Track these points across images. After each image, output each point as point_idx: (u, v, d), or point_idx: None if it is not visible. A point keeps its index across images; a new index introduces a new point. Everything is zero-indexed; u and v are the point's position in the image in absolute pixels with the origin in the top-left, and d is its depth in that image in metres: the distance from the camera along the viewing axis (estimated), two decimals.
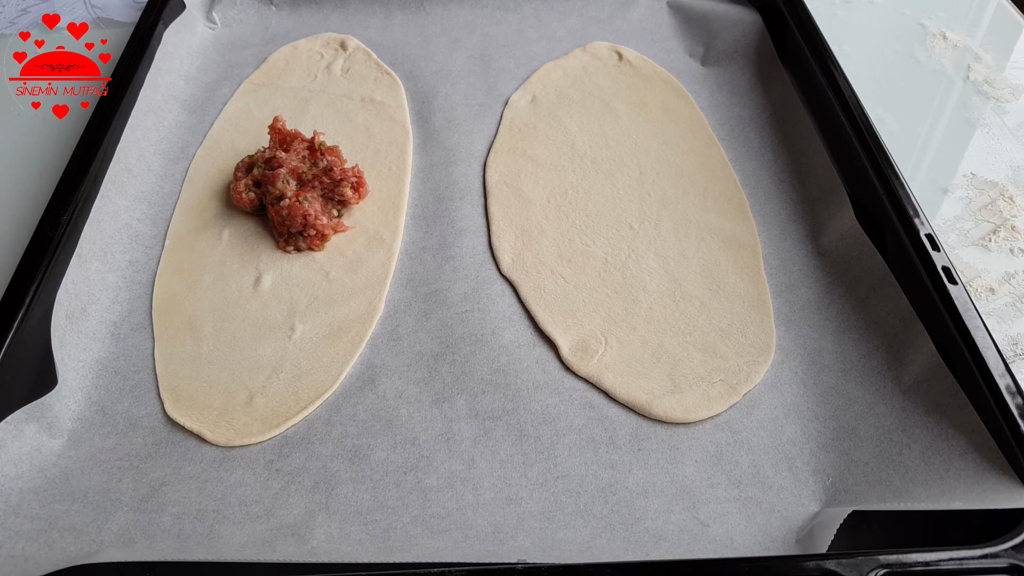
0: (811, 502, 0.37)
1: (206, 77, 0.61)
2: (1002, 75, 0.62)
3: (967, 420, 0.36)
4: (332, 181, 0.49)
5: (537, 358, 0.43)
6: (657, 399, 0.40)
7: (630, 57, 0.62)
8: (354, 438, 0.39)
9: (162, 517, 0.37)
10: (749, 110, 0.57)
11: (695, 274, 0.46)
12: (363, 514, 0.36)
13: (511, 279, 0.47)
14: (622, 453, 0.39)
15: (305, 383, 0.42)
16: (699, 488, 0.37)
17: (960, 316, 0.38)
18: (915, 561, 0.30)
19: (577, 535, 0.36)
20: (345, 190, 0.49)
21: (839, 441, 0.39)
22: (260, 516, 0.37)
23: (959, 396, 0.37)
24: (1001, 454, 0.35)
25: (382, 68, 0.61)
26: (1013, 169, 0.54)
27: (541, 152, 0.54)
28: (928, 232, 0.42)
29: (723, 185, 0.52)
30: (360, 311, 0.45)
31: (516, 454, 0.39)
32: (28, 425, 0.39)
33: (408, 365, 0.42)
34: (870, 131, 0.48)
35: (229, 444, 0.39)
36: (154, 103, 0.56)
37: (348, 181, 0.49)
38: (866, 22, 0.69)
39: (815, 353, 0.42)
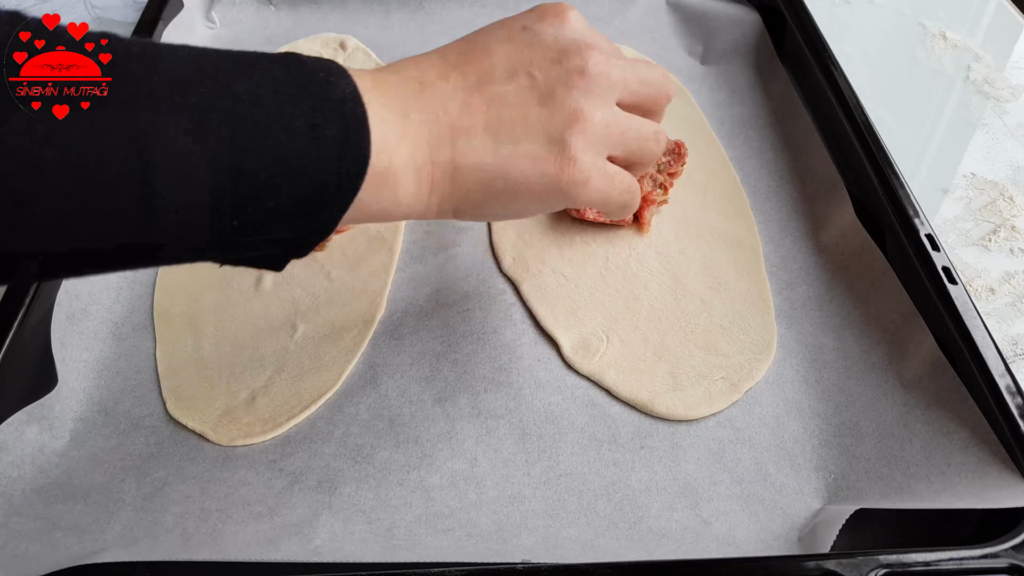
0: (813, 499, 0.37)
1: None
2: (1002, 75, 0.62)
3: (968, 414, 0.36)
4: None
5: (539, 356, 0.43)
6: (659, 397, 0.40)
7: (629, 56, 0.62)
8: (357, 437, 0.39)
9: (165, 517, 0.37)
10: (749, 109, 0.57)
11: (696, 272, 0.46)
12: (366, 513, 0.37)
13: (512, 278, 0.47)
14: (624, 451, 0.39)
15: (307, 382, 0.42)
16: (701, 486, 0.37)
17: (960, 316, 0.38)
18: (915, 561, 0.30)
19: (580, 533, 0.36)
20: None
21: (841, 437, 0.39)
22: (263, 515, 0.37)
23: (960, 390, 0.37)
24: (1002, 447, 0.35)
25: None
26: (1013, 169, 0.55)
27: None
28: (928, 232, 0.42)
29: (723, 184, 0.52)
30: (362, 310, 0.45)
31: (519, 452, 0.39)
32: (29, 426, 0.39)
33: (410, 364, 0.43)
34: (870, 131, 0.48)
35: (231, 443, 0.39)
36: None
37: None
38: (866, 22, 0.69)
39: (816, 350, 0.42)
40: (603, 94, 0.32)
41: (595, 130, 0.32)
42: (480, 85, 0.31)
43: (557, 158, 0.31)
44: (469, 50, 0.32)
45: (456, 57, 0.32)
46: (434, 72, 0.31)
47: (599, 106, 0.32)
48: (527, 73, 0.32)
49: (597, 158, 0.33)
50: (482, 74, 0.32)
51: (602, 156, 0.33)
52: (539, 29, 0.33)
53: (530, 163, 0.31)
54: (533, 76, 0.32)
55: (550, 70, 0.32)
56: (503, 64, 0.32)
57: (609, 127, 0.33)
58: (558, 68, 0.32)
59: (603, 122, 0.32)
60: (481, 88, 0.31)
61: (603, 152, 0.33)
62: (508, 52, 0.32)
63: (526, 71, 0.32)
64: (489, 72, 0.32)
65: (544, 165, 0.31)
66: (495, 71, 0.32)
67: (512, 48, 0.32)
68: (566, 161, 0.31)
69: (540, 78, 0.32)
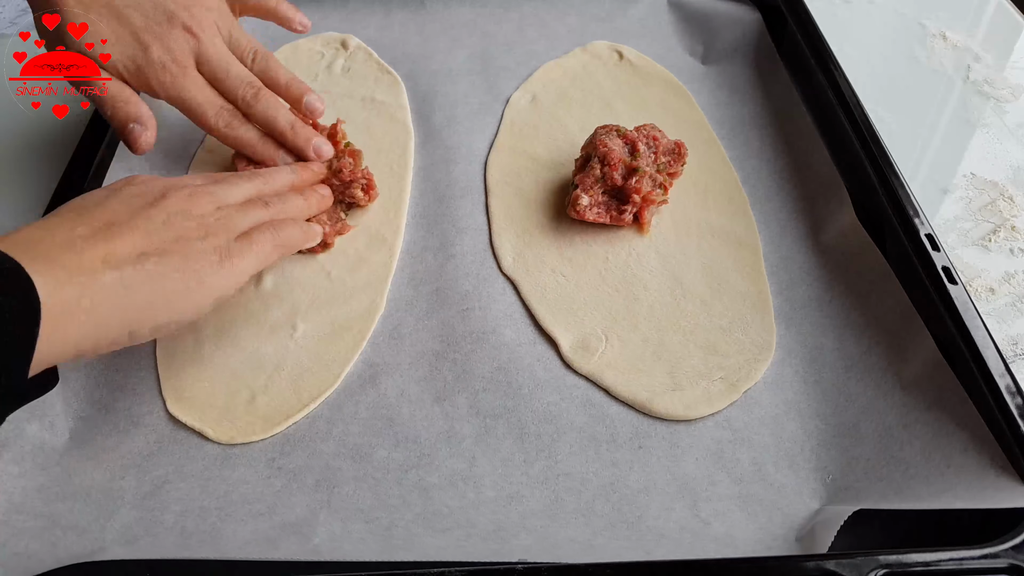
0: (812, 499, 0.37)
1: None
2: (1002, 75, 0.62)
3: (967, 415, 0.36)
4: (342, 183, 0.49)
5: (538, 356, 0.43)
6: (658, 397, 0.40)
7: (630, 56, 0.62)
8: (356, 436, 0.40)
9: (164, 515, 0.37)
10: (749, 108, 0.57)
11: (696, 272, 0.46)
12: (365, 512, 0.37)
13: (512, 278, 0.47)
14: (623, 451, 0.39)
15: (307, 381, 0.42)
16: (700, 486, 0.37)
17: (960, 316, 0.38)
18: (915, 561, 0.30)
19: (579, 533, 0.36)
20: (356, 192, 0.49)
21: (840, 438, 0.39)
22: (263, 514, 0.37)
23: (959, 391, 0.37)
24: (1001, 450, 0.35)
25: (383, 67, 0.61)
26: (1013, 169, 0.55)
27: (542, 151, 0.54)
28: (928, 232, 0.42)
29: (723, 184, 0.52)
30: (361, 310, 0.45)
31: (517, 452, 0.39)
32: (30, 424, 0.39)
33: (409, 363, 0.43)
34: (870, 131, 0.48)
35: (231, 442, 0.39)
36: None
37: (359, 183, 0.49)
38: (866, 22, 0.69)
39: (816, 350, 0.42)
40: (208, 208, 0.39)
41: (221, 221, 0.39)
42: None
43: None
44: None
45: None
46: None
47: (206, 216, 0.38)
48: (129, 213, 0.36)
49: (237, 245, 0.38)
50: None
51: (233, 237, 0.38)
52: (136, 186, 0.39)
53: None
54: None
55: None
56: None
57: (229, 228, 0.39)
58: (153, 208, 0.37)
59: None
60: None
61: (232, 234, 0.38)
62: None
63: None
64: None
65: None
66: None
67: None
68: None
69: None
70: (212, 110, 0.47)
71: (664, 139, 0.49)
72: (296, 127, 0.49)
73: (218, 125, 0.47)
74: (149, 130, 0.46)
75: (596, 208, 0.47)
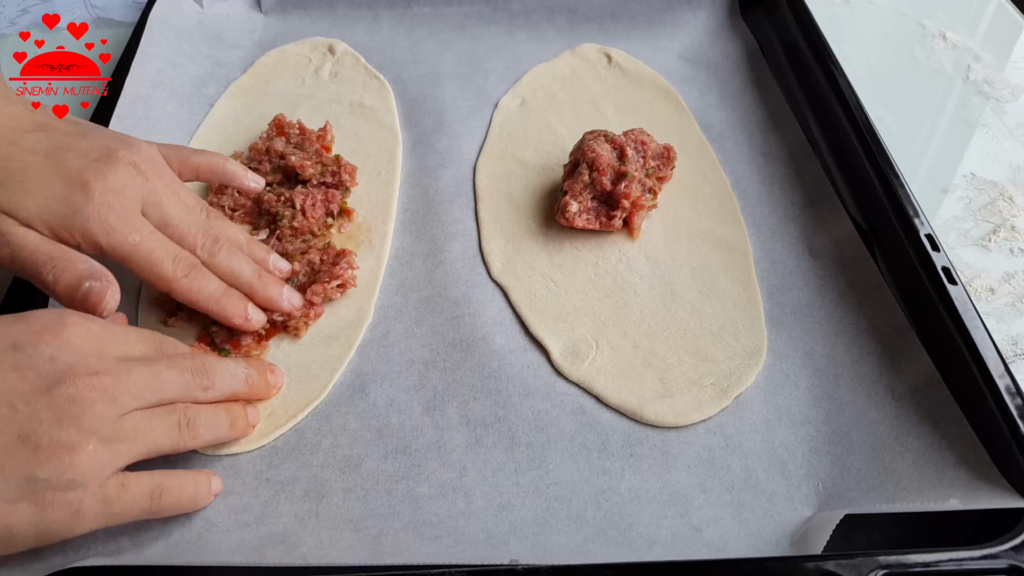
0: (804, 507, 0.36)
1: (193, 67, 0.60)
2: (1002, 75, 0.62)
3: (961, 433, 0.36)
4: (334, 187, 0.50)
5: (528, 363, 0.42)
6: (648, 403, 0.40)
7: (619, 59, 0.62)
8: (345, 448, 0.39)
9: (150, 523, 0.36)
10: (739, 113, 0.57)
11: (686, 277, 0.46)
12: (354, 522, 0.36)
13: (501, 284, 0.46)
14: (614, 459, 0.38)
15: (294, 392, 0.41)
16: (691, 493, 0.37)
17: (960, 316, 0.38)
18: (914, 562, 0.30)
19: (570, 541, 0.35)
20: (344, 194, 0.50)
21: (831, 446, 0.38)
22: (249, 524, 0.36)
23: (952, 408, 0.37)
24: (995, 467, 0.34)
25: (370, 72, 0.61)
26: (1013, 169, 0.54)
27: (531, 156, 0.54)
28: (928, 232, 0.42)
29: (714, 188, 0.51)
30: (349, 318, 0.45)
31: (508, 461, 0.38)
32: None
33: (398, 372, 0.42)
34: (870, 131, 0.48)
35: (217, 453, 0.39)
36: (142, 90, 0.54)
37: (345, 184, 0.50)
38: (866, 22, 0.69)
39: (807, 356, 0.42)
40: (103, 420, 0.31)
41: (90, 460, 0.31)
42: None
43: (35, 500, 0.30)
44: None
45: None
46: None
47: (95, 434, 0.31)
48: (8, 404, 0.30)
49: (95, 487, 0.31)
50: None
51: (104, 477, 0.32)
52: (32, 350, 0.31)
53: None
54: (15, 408, 0.30)
55: (37, 401, 0.30)
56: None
57: (116, 450, 0.32)
58: (47, 397, 0.30)
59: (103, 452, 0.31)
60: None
61: (106, 473, 0.32)
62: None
63: (7, 401, 0.30)
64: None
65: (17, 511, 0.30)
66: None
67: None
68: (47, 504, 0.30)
69: (23, 410, 0.30)
70: (169, 257, 0.40)
71: (653, 143, 0.48)
72: (264, 277, 0.43)
73: (176, 275, 0.40)
74: (112, 284, 0.38)
75: (585, 214, 0.47)
